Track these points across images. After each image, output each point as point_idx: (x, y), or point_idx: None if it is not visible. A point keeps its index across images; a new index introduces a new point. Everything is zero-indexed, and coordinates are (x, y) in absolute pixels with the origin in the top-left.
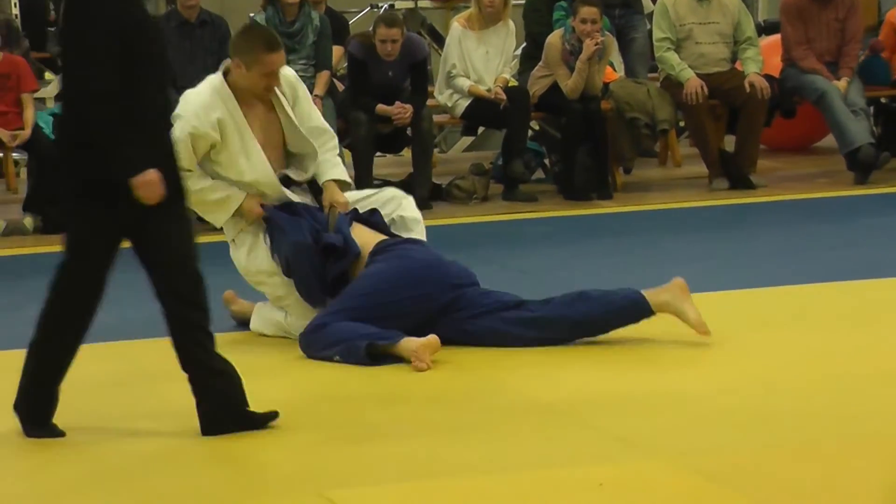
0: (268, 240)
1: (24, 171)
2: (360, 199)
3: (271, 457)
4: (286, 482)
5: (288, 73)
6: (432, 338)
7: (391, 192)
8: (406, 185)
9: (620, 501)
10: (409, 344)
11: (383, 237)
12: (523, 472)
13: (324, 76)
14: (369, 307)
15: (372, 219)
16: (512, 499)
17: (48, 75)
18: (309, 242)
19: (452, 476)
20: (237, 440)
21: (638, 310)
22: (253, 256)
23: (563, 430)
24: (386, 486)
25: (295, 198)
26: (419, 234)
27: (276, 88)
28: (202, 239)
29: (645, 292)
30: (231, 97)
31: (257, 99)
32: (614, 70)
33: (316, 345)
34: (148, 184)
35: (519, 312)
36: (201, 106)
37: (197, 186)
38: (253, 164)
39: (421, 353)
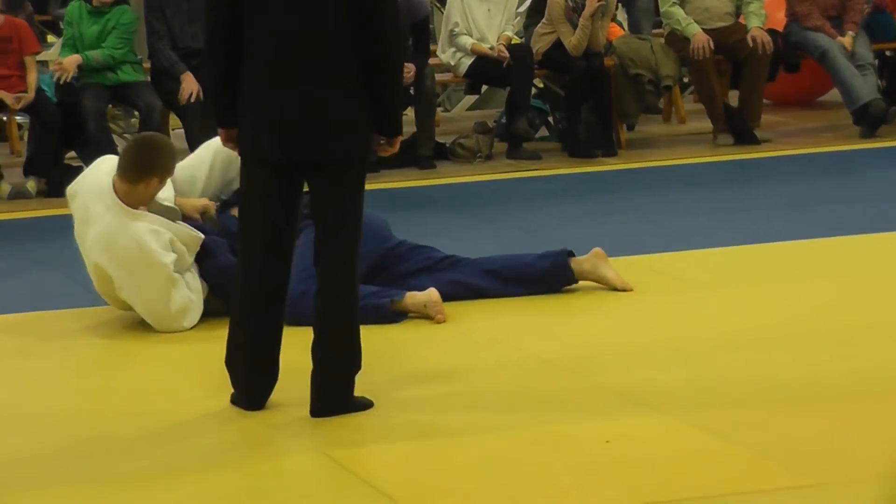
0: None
1: (27, 135)
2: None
3: (276, 419)
4: (290, 443)
5: None
6: (433, 291)
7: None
8: (409, 145)
9: (627, 457)
10: (416, 298)
11: None
12: (528, 429)
13: None
14: None
15: None
16: (517, 456)
17: (50, 38)
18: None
19: (456, 434)
20: None
21: (561, 277)
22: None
23: (567, 386)
24: (388, 446)
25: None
26: None
27: None
28: None
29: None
30: (133, 212)
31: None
32: (622, 27)
33: (307, 313)
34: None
35: (455, 275)
36: (157, 238)
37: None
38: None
39: (437, 305)
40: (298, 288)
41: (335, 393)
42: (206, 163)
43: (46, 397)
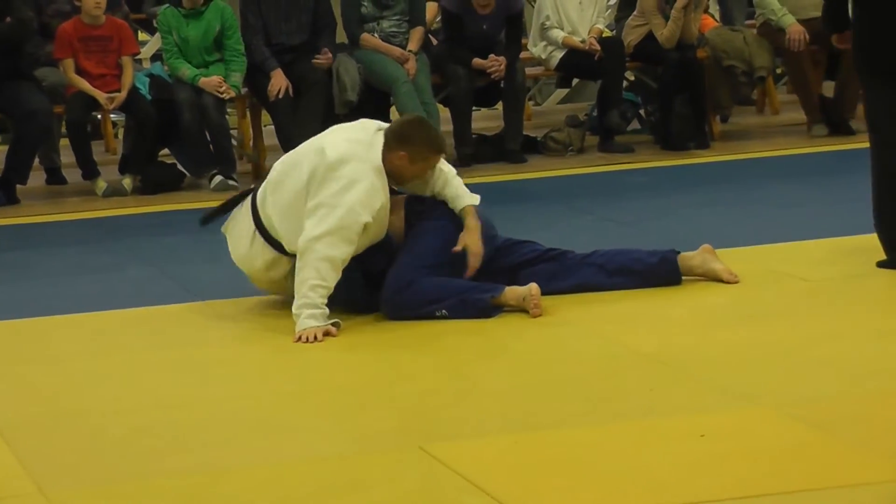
0: None
1: (121, 133)
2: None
3: (371, 411)
4: (386, 436)
5: None
6: (534, 285)
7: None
8: (499, 139)
9: (722, 451)
10: (515, 293)
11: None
12: (624, 422)
13: (418, 32)
14: (441, 263)
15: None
16: (612, 450)
17: (143, 36)
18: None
19: (552, 428)
20: (338, 395)
21: (668, 275)
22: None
23: (664, 380)
24: (485, 439)
25: None
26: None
27: None
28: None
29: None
30: (386, 183)
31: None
32: (714, 18)
33: (410, 304)
34: None
35: (558, 268)
36: (374, 193)
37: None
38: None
39: (535, 299)
40: (406, 277)
41: None
42: None
43: (158, 388)
